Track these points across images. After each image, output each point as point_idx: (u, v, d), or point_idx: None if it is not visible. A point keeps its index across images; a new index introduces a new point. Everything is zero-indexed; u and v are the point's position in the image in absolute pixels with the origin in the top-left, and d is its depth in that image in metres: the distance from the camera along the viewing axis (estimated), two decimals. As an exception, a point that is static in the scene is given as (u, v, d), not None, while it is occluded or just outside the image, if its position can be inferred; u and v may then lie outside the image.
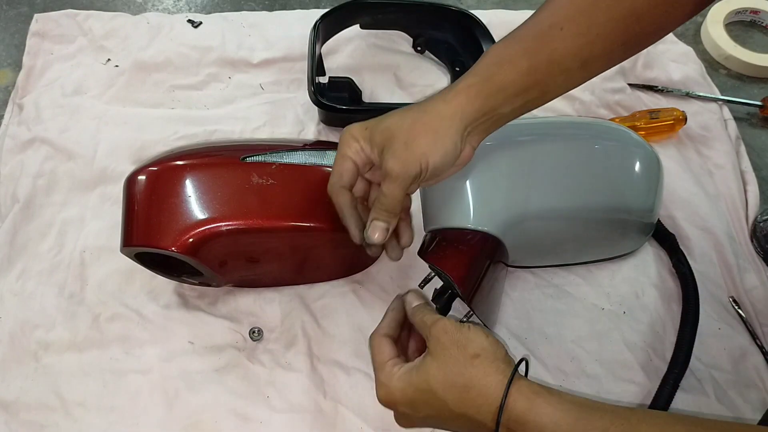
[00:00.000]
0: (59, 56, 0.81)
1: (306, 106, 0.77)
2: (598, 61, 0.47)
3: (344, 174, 0.50)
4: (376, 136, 0.48)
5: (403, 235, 0.53)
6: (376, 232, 0.49)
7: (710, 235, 0.70)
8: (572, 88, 0.49)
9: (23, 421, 0.57)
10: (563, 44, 0.45)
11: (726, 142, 0.78)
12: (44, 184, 0.70)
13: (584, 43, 0.45)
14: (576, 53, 0.46)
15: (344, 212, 0.51)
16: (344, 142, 0.49)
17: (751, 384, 0.61)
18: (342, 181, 0.50)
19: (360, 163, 0.50)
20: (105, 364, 0.60)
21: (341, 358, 0.61)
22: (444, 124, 0.46)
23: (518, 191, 0.56)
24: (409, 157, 0.46)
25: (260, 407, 0.58)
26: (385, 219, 0.49)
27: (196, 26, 0.85)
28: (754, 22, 0.92)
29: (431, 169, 0.46)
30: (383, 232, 0.49)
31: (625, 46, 0.47)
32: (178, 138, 0.74)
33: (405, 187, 0.47)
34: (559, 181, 0.57)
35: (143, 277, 0.64)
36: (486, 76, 0.47)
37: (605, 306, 0.66)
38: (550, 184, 0.57)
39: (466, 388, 0.43)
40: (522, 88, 0.46)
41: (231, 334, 0.62)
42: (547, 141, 0.60)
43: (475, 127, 0.47)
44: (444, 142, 0.46)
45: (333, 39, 0.81)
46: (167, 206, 0.53)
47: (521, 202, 0.56)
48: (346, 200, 0.50)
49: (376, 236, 0.49)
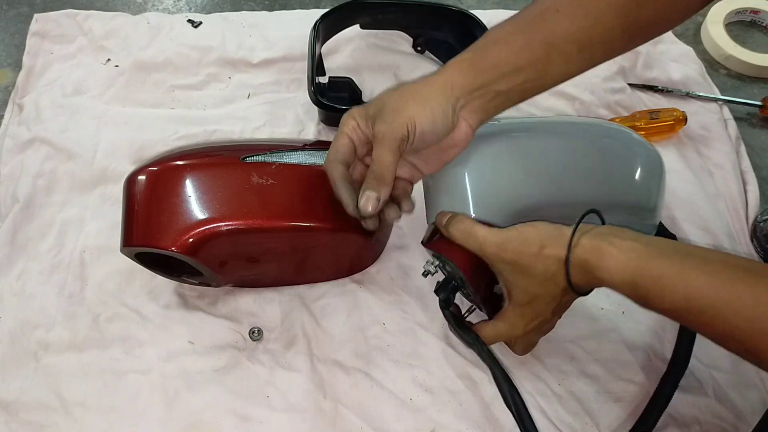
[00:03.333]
0: (59, 56, 0.81)
1: (306, 106, 0.77)
2: (598, 48, 0.47)
3: (339, 149, 0.50)
4: (370, 110, 0.49)
5: (404, 202, 0.53)
6: (368, 203, 0.49)
7: (710, 235, 0.70)
8: (573, 74, 0.49)
9: (23, 421, 0.57)
10: (560, 26, 0.46)
11: (726, 142, 0.78)
12: (44, 184, 0.70)
13: (582, 26, 0.46)
14: (573, 37, 0.46)
15: (337, 184, 0.51)
16: (343, 122, 0.50)
17: (751, 384, 0.61)
18: (337, 155, 0.50)
19: (356, 141, 0.50)
20: (105, 364, 0.60)
21: (341, 358, 0.61)
22: (433, 91, 0.47)
23: (520, 186, 0.56)
24: (396, 119, 0.47)
25: (260, 407, 0.58)
26: (375, 187, 0.49)
27: (196, 26, 0.85)
28: (754, 22, 0.92)
29: (418, 132, 0.47)
30: (374, 202, 0.49)
31: (626, 33, 0.47)
32: (178, 138, 0.74)
33: (393, 150, 0.47)
34: (560, 178, 0.57)
35: (143, 277, 0.64)
36: (480, 52, 0.48)
37: (605, 306, 0.66)
38: (552, 181, 0.57)
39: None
40: (516, 66, 0.47)
41: (231, 334, 0.62)
42: (549, 139, 0.59)
43: (468, 101, 0.47)
44: (432, 107, 0.47)
45: (333, 39, 0.81)
46: (167, 206, 0.53)
47: (523, 197, 0.56)
48: (339, 172, 0.51)
49: (369, 207, 0.49)
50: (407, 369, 0.61)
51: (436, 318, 0.64)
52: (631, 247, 0.43)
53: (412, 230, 0.69)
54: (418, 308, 0.64)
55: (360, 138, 0.50)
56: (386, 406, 0.59)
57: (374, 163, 0.49)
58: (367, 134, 0.50)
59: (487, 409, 0.59)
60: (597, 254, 0.44)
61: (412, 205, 0.54)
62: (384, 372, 0.61)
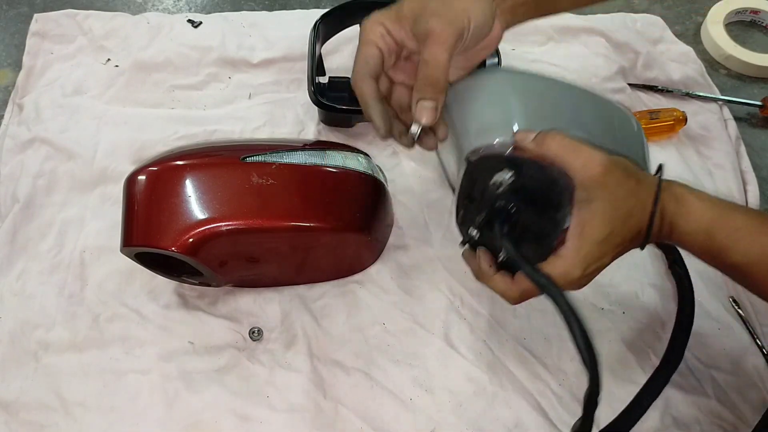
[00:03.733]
0: (59, 56, 0.81)
1: (306, 106, 0.77)
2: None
3: (369, 60, 0.45)
4: (403, 9, 0.44)
5: (439, 127, 0.49)
6: (423, 113, 0.44)
7: (710, 235, 0.70)
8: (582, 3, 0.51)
9: (23, 421, 0.57)
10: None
11: (726, 142, 0.78)
12: (44, 184, 0.70)
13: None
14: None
15: (369, 103, 0.46)
16: (367, 29, 0.46)
17: (751, 384, 0.61)
18: (368, 68, 0.45)
19: (385, 50, 0.46)
20: (105, 364, 0.60)
21: (341, 358, 0.61)
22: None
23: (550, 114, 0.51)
24: (449, 12, 0.43)
25: (260, 407, 0.58)
26: (431, 95, 0.44)
27: (196, 26, 0.85)
28: (754, 22, 0.92)
29: (473, 28, 0.44)
30: (432, 112, 0.44)
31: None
32: (178, 138, 0.74)
33: (449, 48, 0.43)
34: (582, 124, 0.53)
35: (143, 277, 0.64)
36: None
37: (605, 306, 0.66)
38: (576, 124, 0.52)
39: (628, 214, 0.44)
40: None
41: (231, 334, 0.62)
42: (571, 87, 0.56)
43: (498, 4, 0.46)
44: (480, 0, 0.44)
45: (333, 39, 0.81)
46: (167, 206, 0.53)
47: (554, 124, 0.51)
48: (371, 89, 0.46)
49: (425, 118, 0.44)
50: (407, 369, 0.61)
51: (436, 318, 0.64)
52: (709, 198, 0.44)
53: (412, 230, 0.69)
54: (418, 308, 0.64)
55: (390, 46, 0.46)
56: (386, 406, 0.59)
57: (427, 66, 0.43)
58: (399, 39, 0.45)
59: (487, 409, 0.59)
60: (677, 201, 0.44)
61: (446, 131, 0.49)
62: (384, 372, 0.61)
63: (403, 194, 0.71)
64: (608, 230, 0.44)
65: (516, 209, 0.48)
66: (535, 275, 0.45)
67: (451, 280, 0.66)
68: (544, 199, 0.47)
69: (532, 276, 0.45)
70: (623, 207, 0.44)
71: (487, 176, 0.49)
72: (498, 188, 0.48)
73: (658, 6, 0.93)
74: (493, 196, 0.48)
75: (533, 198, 0.48)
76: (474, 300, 0.65)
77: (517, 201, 0.48)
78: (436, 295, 0.65)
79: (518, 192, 0.48)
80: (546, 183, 0.47)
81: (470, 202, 0.52)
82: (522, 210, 0.48)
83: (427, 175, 0.73)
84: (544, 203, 0.47)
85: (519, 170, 0.47)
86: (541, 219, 0.48)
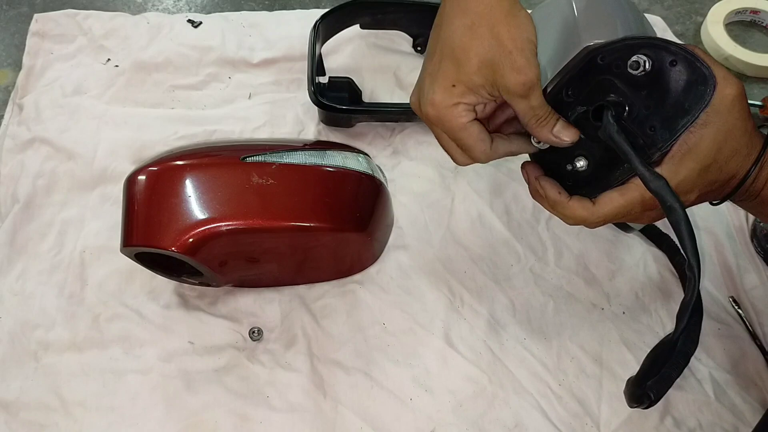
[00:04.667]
0: (59, 56, 0.81)
1: (306, 106, 0.77)
2: None
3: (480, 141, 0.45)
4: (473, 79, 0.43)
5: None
6: (563, 134, 0.45)
7: (710, 235, 0.70)
8: None
9: (23, 421, 0.57)
10: None
11: (726, 142, 0.77)
12: (44, 184, 0.70)
13: None
14: None
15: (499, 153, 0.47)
16: (450, 115, 0.44)
17: (751, 384, 0.61)
18: (484, 147, 0.46)
19: (481, 116, 0.46)
20: (105, 364, 0.60)
21: (341, 358, 0.61)
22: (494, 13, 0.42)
23: None
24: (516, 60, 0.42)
25: (260, 407, 0.58)
26: (548, 124, 0.45)
27: (196, 26, 0.85)
28: (754, 22, 0.92)
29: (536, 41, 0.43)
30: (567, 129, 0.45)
31: None
32: (178, 138, 0.74)
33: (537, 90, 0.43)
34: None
35: (143, 277, 0.64)
36: None
37: (605, 306, 0.66)
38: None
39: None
40: None
41: (231, 334, 0.62)
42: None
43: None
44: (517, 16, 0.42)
45: (333, 39, 0.81)
46: (167, 206, 0.53)
47: None
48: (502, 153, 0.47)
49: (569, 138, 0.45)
50: (407, 369, 0.61)
51: (436, 318, 0.64)
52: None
53: (412, 230, 0.69)
54: (418, 308, 0.64)
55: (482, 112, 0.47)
56: (386, 406, 0.59)
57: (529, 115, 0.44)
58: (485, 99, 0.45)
59: (487, 409, 0.59)
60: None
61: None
62: (384, 372, 0.61)
63: (403, 194, 0.71)
64: (710, 161, 0.42)
65: (633, 105, 0.44)
66: (650, 176, 0.40)
67: (451, 280, 0.66)
68: (675, 100, 0.42)
69: (645, 176, 0.41)
70: (732, 143, 0.42)
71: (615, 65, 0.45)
72: (636, 69, 0.43)
73: (658, 6, 0.93)
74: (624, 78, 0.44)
75: (664, 93, 0.43)
76: (474, 300, 0.65)
77: (649, 90, 0.43)
78: (436, 295, 0.65)
79: (654, 82, 0.43)
80: (690, 80, 0.42)
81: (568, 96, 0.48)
82: (642, 106, 0.43)
83: (427, 175, 0.73)
84: (673, 104, 0.42)
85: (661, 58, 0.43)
86: (655, 122, 0.43)
